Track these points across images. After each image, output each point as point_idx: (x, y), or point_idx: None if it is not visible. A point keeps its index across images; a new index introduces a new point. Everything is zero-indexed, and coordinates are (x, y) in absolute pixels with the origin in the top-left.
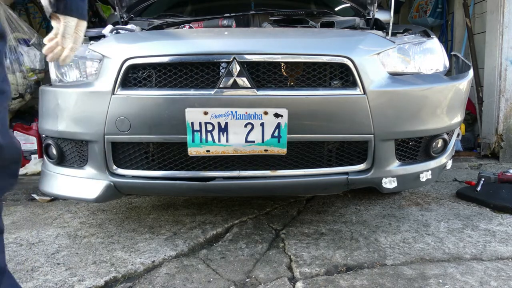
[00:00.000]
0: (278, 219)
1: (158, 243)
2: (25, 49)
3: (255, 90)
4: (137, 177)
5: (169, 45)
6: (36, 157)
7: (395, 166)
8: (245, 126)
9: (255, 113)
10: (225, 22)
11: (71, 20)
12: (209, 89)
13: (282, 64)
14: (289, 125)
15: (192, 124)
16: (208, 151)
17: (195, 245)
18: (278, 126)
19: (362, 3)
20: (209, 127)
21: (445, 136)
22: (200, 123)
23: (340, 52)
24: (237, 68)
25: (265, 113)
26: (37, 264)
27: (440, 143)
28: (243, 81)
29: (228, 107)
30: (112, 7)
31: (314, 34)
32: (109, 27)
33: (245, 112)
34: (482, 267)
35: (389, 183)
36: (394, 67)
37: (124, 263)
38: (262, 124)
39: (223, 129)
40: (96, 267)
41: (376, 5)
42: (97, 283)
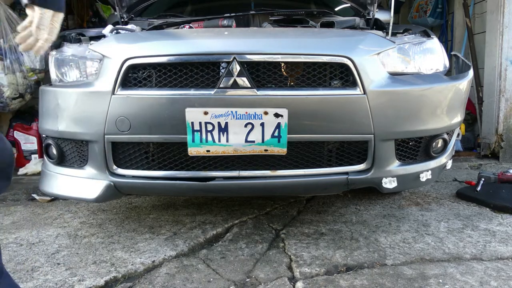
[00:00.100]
0: (278, 219)
1: (158, 243)
2: None
3: (255, 90)
4: (137, 177)
5: (169, 45)
6: (36, 157)
7: (395, 166)
8: (245, 126)
9: (255, 113)
10: (225, 22)
11: (47, 11)
12: (209, 89)
13: (282, 64)
14: (289, 125)
15: (192, 124)
16: (208, 151)
17: (195, 245)
18: (278, 126)
19: (362, 3)
20: (209, 127)
21: (445, 136)
22: (200, 123)
23: (340, 52)
24: (237, 68)
25: (265, 113)
26: (37, 264)
27: (440, 143)
28: (243, 81)
29: (228, 107)
30: (112, 7)
31: (314, 34)
32: (109, 27)
33: (245, 112)
34: (482, 267)
35: (389, 183)
36: (394, 67)
37: (124, 263)
38: (262, 124)
39: (223, 129)
40: (96, 267)
41: (376, 5)
42: (97, 283)
